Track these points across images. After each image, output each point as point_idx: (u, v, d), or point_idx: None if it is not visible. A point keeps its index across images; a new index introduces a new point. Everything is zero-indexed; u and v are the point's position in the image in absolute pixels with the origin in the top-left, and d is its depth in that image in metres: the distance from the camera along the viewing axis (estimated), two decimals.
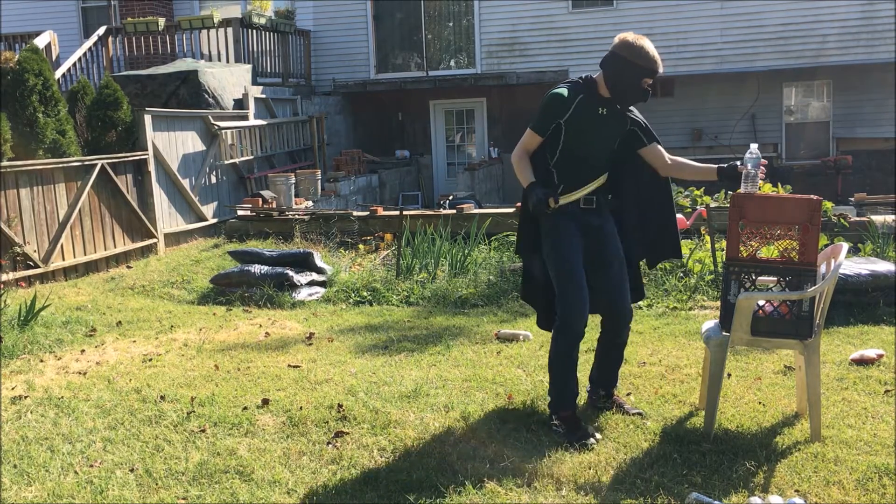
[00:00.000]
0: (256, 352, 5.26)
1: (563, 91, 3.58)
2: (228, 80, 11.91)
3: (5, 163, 7.30)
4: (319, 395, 4.22)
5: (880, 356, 4.61)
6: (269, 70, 13.65)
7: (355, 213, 9.44)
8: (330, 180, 12.60)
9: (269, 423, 3.82)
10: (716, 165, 3.64)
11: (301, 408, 3.99)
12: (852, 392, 4.10)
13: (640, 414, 3.77)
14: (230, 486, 3.15)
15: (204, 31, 13.20)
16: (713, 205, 7.83)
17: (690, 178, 3.79)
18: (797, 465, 3.22)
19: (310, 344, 5.47)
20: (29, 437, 3.74)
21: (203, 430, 3.76)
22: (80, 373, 4.81)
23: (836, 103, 14.74)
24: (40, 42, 11.18)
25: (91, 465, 3.40)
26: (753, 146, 3.55)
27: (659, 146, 3.74)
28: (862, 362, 4.57)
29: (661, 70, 3.50)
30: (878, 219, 7.57)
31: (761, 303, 3.44)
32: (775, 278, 3.49)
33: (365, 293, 7.13)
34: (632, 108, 3.70)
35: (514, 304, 6.51)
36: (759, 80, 14.37)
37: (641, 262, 3.98)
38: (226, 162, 10.78)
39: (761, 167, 3.43)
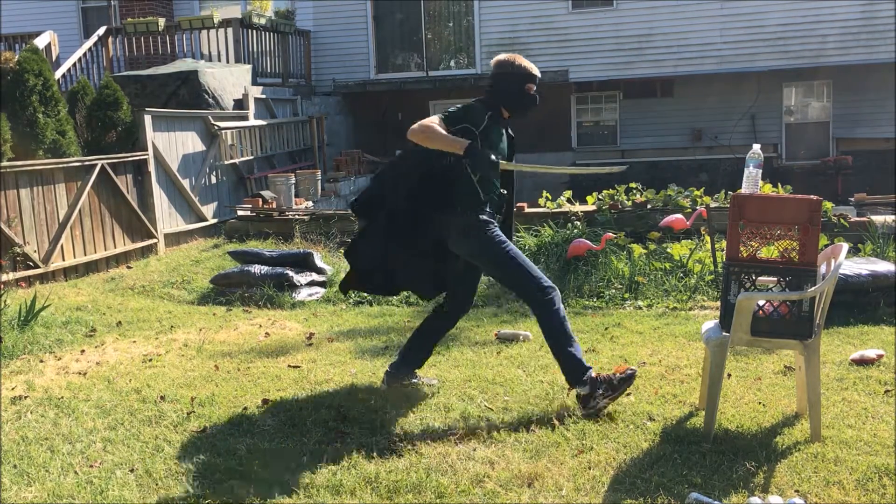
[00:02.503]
0: (256, 352, 5.26)
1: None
2: (228, 80, 11.91)
3: (5, 163, 7.30)
4: (319, 395, 4.22)
5: (880, 356, 4.61)
6: (269, 70, 13.65)
7: None
8: (330, 180, 12.60)
9: (269, 423, 3.82)
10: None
11: (301, 408, 3.99)
12: (852, 392, 4.10)
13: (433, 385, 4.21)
14: (230, 486, 3.15)
15: (204, 32, 13.20)
16: (713, 205, 7.82)
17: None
18: (797, 465, 3.22)
19: (310, 344, 5.47)
20: (29, 437, 3.74)
21: (203, 430, 3.76)
22: (80, 373, 4.81)
23: (835, 103, 14.75)
24: (40, 42, 11.19)
25: (91, 465, 3.40)
26: (756, 146, 3.56)
27: None
28: (862, 362, 4.57)
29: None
30: (878, 219, 7.56)
31: (761, 303, 3.44)
32: (775, 278, 3.49)
33: (365, 293, 7.12)
34: None
35: (514, 304, 6.51)
36: (759, 80, 14.37)
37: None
38: (226, 162, 10.77)
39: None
